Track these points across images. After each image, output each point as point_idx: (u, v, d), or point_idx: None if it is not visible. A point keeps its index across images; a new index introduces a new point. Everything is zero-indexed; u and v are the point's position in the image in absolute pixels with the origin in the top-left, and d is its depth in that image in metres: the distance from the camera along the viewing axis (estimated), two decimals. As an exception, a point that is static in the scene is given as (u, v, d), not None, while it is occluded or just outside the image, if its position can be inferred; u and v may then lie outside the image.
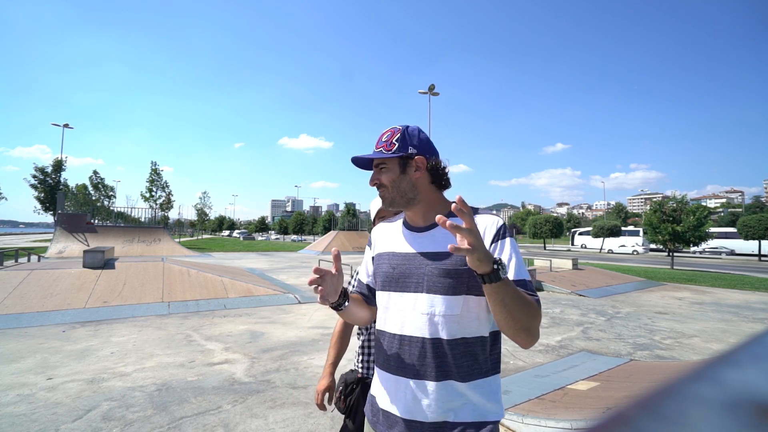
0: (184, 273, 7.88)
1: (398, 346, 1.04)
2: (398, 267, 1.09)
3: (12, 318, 5.47)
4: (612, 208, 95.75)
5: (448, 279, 1.00)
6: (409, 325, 1.03)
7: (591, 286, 10.01)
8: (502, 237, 1.03)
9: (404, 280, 1.07)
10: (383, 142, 1.11)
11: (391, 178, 1.10)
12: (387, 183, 1.10)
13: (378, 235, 1.23)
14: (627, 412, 0.16)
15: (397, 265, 1.09)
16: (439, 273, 1.02)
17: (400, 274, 1.08)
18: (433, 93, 21.73)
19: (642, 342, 5.31)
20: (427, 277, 1.03)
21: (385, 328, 1.09)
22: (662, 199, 19.19)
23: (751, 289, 10.85)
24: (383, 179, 1.11)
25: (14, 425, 2.72)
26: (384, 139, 1.12)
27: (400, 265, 1.09)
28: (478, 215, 1.08)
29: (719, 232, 34.72)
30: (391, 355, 1.06)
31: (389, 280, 1.10)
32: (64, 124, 29.24)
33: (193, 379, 3.65)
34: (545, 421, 2.62)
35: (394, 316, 1.07)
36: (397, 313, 1.06)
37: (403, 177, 1.09)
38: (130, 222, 22.02)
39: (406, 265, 1.08)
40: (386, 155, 1.09)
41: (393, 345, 1.05)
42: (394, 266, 1.10)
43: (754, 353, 0.19)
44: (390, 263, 1.11)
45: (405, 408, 1.02)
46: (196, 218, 56.98)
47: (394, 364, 1.05)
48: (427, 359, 1.00)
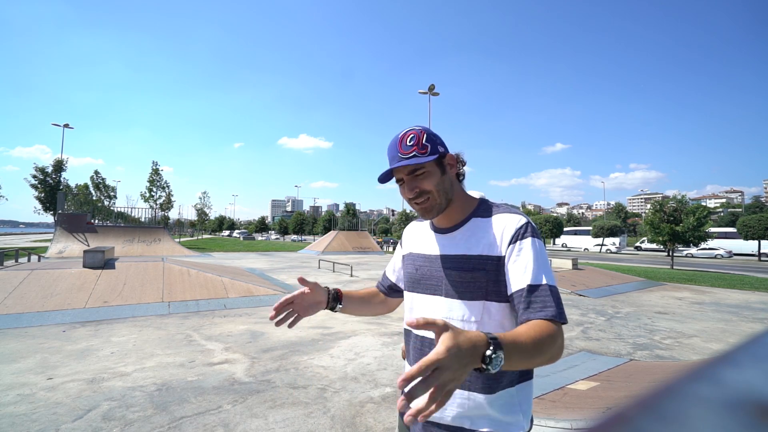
0: (184, 273, 7.88)
1: (420, 347, 1.04)
2: (420, 269, 1.09)
3: (12, 318, 5.47)
4: (612, 208, 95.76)
5: (465, 283, 0.97)
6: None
7: (591, 286, 10.01)
8: (522, 237, 0.95)
9: (425, 282, 1.06)
10: (411, 146, 0.99)
11: (435, 182, 1.00)
12: (432, 188, 1.00)
13: (409, 234, 1.21)
14: (627, 412, 0.16)
15: (420, 266, 1.09)
16: (457, 277, 0.98)
17: (421, 276, 1.08)
18: (433, 93, 21.75)
19: (642, 342, 5.31)
20: (445, 281, 1.00)
21: (410, 328, 1.09)
22: (662, 199, 19.19)
23: (751, 289, 10.85)
24: (426, 185, 1.00)
25: (14, 425, 2.72)
26: (411, 143, 0.99)
27: (422, 267, 1.08)
28: (499, 214, 1.01)
29: (719, 232, 34.70)
30: (415, 354, 1.06)
31: (412, 281, 1.10)
32: (65, 124, 29.28)
33: (194, 379, 3.65)
34: (545, 421, 2.62)
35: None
36: (419, 315, 1.05)
37: (445, 178, 1.02)
38: (130, 222, 22.01)
39: (427, 267, 1.07)
40: (425, 159, 0.98)
41: (417, 345, 1.06)
42: (417, 268, 1.10)
43: (754, 353, 0.19)
44: (414, 264, 1.11)
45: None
46: (196, 218, 57.00)
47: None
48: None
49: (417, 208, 1.03)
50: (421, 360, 0.62)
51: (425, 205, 1.01)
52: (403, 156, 0.99)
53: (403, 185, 1.03)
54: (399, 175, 1.03)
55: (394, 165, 1.00)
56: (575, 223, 63.00)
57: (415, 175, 1.00)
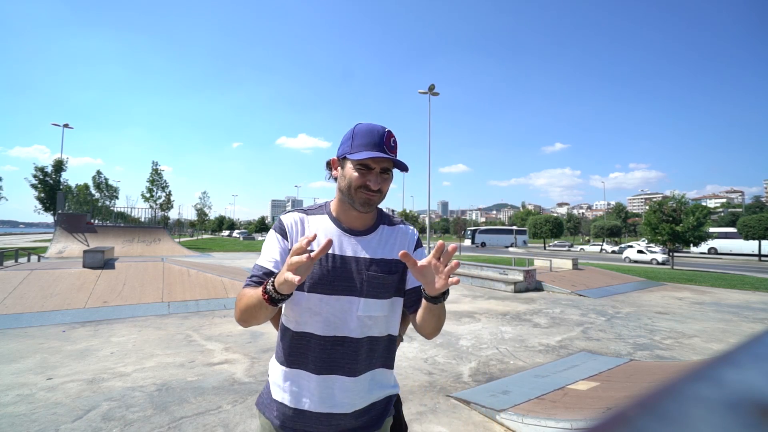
0: (184, 273, 7.88)
1: (331, 347, 1.04)
2: (337, 269, 1.06)
3: (12, 318, 5.47)
4: (612, 208, 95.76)
5: (384, 284, 1.09)
6: (344, 328, 1.05)
7: (591, 286, 10.01)
8: (420, 246, 1.21)
9: (341, 283, 1.06)
10: (394, 148, 1.07)
11: (389, 186, 1.08)
12: (386, 191, 1.07)
13: (299, 228, 1.10)
14: (627, 412, 0.16)
15: (337, 267, 1.06)
16: (378, 278, 1.08)
17: (336, 277, 1.06)
18: (433, 93, 21.73)
19: (642, 342, 5.31)
20: (366, 282, 1.07)
21: (313, 331, 1.05)
22: (662, 199, 19.17)
23: (751, 289, 10.85)
24: (385, 187, 1.07)
25: (14, 425, 2.72)
26: (393, 145, 1.07)
27: (338, 268, 1.06)
28: (401, 225, 1.19)
29: (719, 232, 34.68)
30: (320, 356, 1.05)
31: (323, 282, 1.05)
32: (64, 124, 29.25)
33: (193, 379, 3.65)
34: (545, 421, 2.62)
35: (326, 320, 1.05)
36: (329, 317, 1.04)
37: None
38: (130, 222, 22.02)
39: (344, 268, 1.06)
40: (395, 160, 1.05)
41: (325, 347, 1.04)
42: (330, 269, 1.06)
43: (754, 353, 0.19)
44: (325, 265, 1.06)
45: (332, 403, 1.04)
46: (196, 218, 56.98)
47: (324, 365, 1.04)
48: (360, 356, 1.06)
49: (364, 199, 1.04)
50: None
51: (374, 201, 1.06)
52: (389, 153, 1.04)
53: (368, 174, 1.03)
54: (374, 165, 1.03)
55: (385, 155, 1.02)
56: (575, 223, 62.89)
57: (384, 174, 1.05)
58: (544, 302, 8.24)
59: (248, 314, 0.98)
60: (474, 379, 3.81)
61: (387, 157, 1.03)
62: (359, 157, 1.01)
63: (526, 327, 6.05)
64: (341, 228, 1.11)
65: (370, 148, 1.02)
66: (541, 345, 5.06)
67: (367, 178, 1.03)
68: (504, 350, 4.81)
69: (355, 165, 1.03)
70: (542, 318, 6.71)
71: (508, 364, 4.26)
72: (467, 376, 3.91)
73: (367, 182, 1.03)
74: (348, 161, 1.05)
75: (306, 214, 1.13)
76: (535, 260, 13.83)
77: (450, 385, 3.66)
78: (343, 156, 1.07)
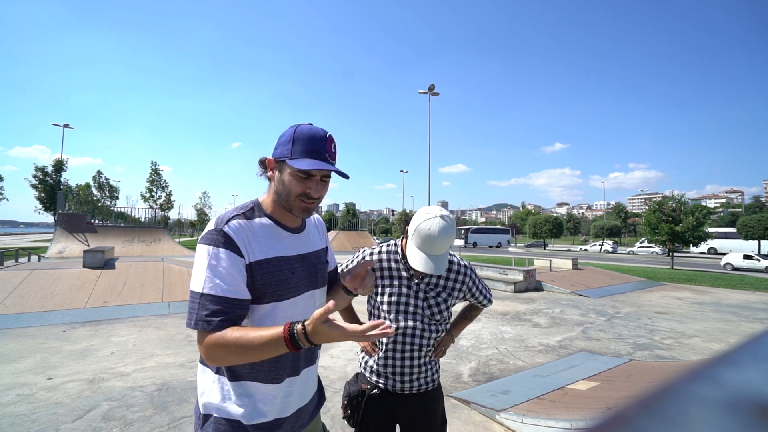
0: (184, 273, 7.87)
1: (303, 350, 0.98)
2: (297, 271, 1.06)
3: (12, 318, 5.47)
4: (612, 208, 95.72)
5: (324, 274, 1.20)
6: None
7: (591, 286, 10.01)
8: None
9: (301, 281, 1.07)
10: (335, 154, 1.05)
11: (327, 190, 1.07)
12: (323, 196, 1.06)
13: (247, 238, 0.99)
14: (627, 412, 0.16)
15: (296, 269, 1.05)
16: (322, 269, 1.18)
17: (300, 278, 1.06)
18: (433, 93, 21.73)
19: (642, 342, 5.31)
20: (316, 275, 1.14)
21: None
22: (662, 199, 19.17)
23: (751, 289, 10.86)
24: (324, 193, 1.05)
25: (14, 425, 2.72)
26: (334, 151, 1.04)
27: (298, 268, 1.06)
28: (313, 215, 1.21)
29: (719, 232, 34.67)
30: (287, 362, 1.03)
31: (289, 286, 1.03)
32: (65, 124, 29.23)
33: (194, 379, 3.64)
34: (545, 421, 2.62)
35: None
36: (298, 317, 1.01)
37: None
38: (130, 222, 21.99)
39: (303, 267, 1.09)
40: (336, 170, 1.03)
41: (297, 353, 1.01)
42: (293, 271, 1.04)
43: (754, 353, 0.19)
44: (288, 269, 1.04)
45: (297, 400, 1.08)
46: (196, 218, 56.94)
47: (288, 370, 1.04)
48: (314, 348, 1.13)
49: (303, 206, 1.03)
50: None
51: (312, 207, 1.06)
52: (330, 160, 1.02)
53: (308, 182, 1.01)
54: (315, 173, 1.01)
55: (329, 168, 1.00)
56: (575, 223, 62.82)
57: (324, 181, 1.05)
58: (544, 302, 8.24)
59: (242, 357, 0.88)
60: (474, 379, 3.81)
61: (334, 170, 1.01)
62: (301, 166, 0.97)
63: (526, 327, 6.05)
64: (285, 228, 1.08)
65: (313, 156, 0.98)
66: (541, 345, 5.06)
67: (307, 185, 1.00)
68: (504, 350, 4.81)
69: (294, 172, 0.99)
70: (542, 318, 6.71)
71: (508, 364, 4.26)
72: (467, 375, 3.91)
73: (307, 190, 1.00)
74: (287, 166, 0.99)
75: (246, 219, 1.02)
76: (535, 260, 13.84)
77: (450, 384, 3.66)
78: (281, 159, 1.00)
